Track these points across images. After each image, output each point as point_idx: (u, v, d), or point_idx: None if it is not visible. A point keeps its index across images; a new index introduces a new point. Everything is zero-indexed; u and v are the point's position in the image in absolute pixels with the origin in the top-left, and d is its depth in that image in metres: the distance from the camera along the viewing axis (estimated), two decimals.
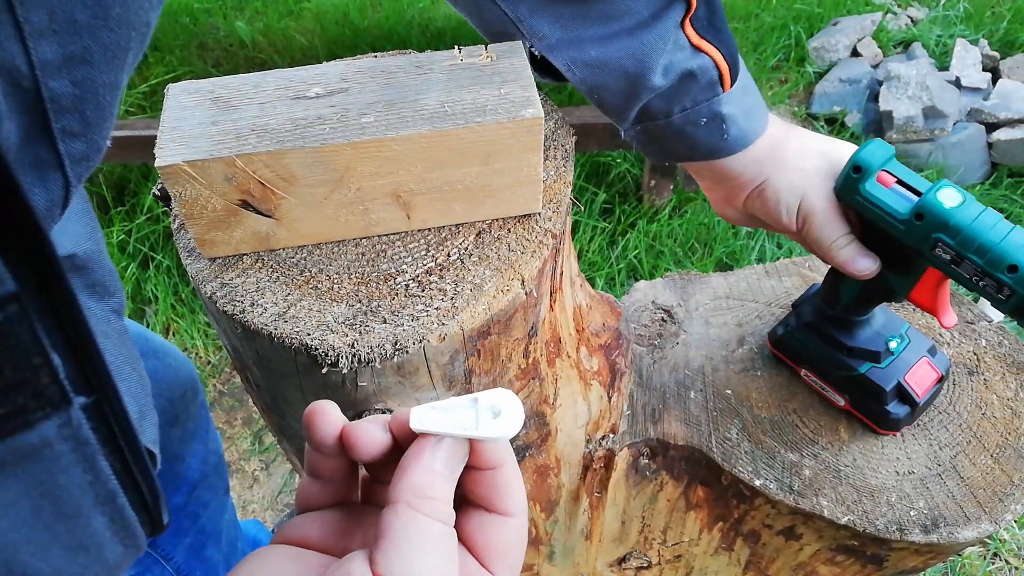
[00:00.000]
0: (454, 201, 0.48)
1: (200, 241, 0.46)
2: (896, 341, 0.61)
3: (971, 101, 1.63)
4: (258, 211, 0.45)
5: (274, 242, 0.48)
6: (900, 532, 0.57)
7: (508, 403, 0.29)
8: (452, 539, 0.28)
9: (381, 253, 0.52)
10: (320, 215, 0.46)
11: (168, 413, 0.61)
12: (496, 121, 0.44)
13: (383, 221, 0.48)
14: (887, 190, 0.52)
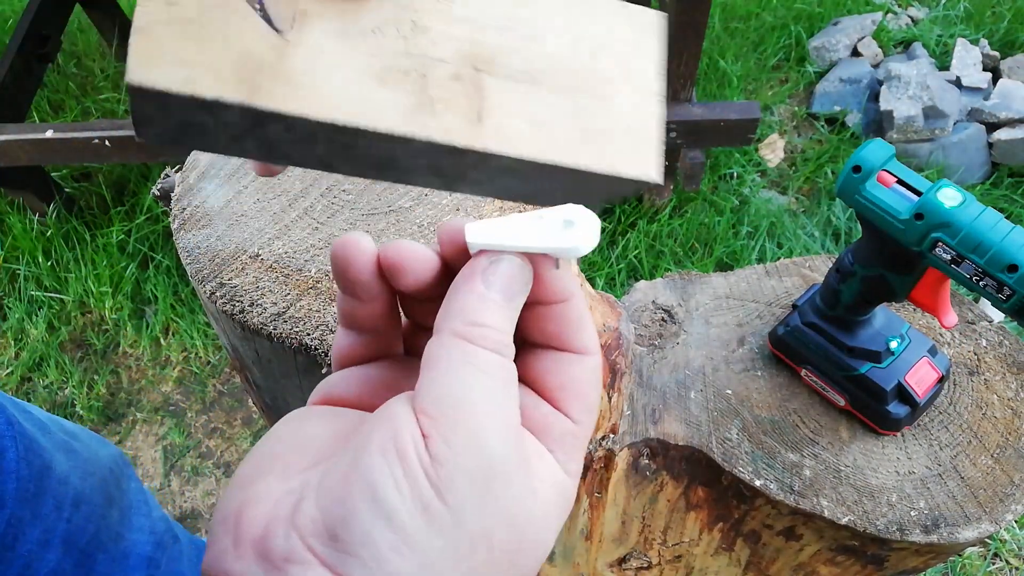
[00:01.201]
0: (545, 114, 0.32)
1: (143, 40, 0.26)
2: (897, 341, 0.61)
3: (971, 101, 1.63)
4: (266, 15, 0.28)
5: (264, 93, 0.28)
6: (900, 532, 0.57)
7: (580, 215, 0.25)
8: (509, 373, 0.23)
9: None
10: (353, 59, 0.29)
11: (102, 493, 0.60)
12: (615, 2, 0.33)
13: (441, 113, 0.31)
14: (887, 190, 0.52)
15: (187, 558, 0.70)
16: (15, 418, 0.51)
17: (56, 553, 0.52)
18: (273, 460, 0.23)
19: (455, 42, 0.31)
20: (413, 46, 0.30)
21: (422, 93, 0.30)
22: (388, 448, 0.21)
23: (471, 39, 0.31)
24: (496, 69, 0.32)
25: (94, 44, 1.95)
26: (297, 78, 0.28)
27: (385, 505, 0.20)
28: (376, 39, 0.30)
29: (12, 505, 0.48)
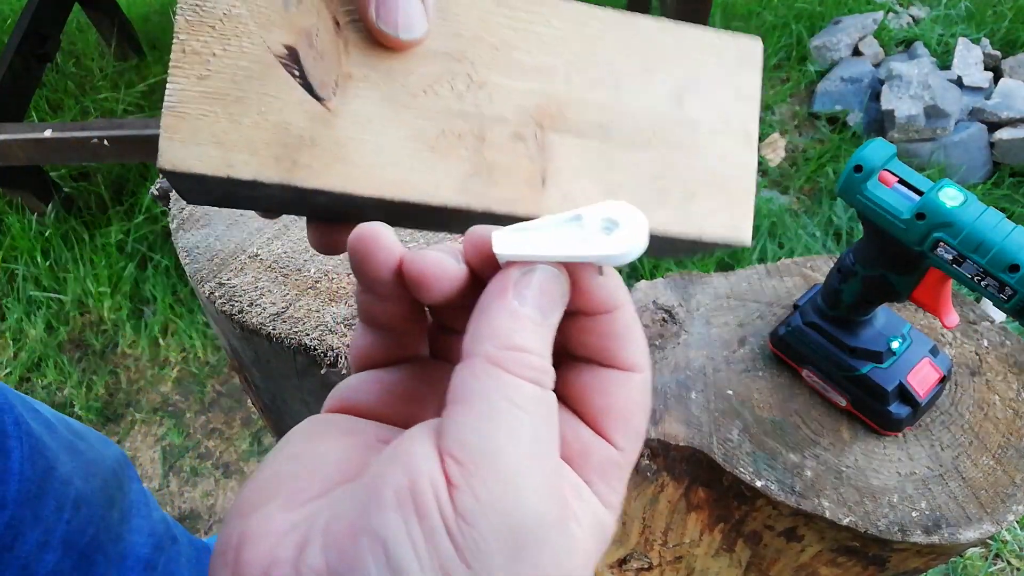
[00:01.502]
0: (620, 174, 0.28)
1: (175, 120, 0.24)
2: (898, 341, 0.61)
3: (973, 100, 1.63)
4: (306, 82, 0.25)
5: (303, 170, 0.25)
6: (902, 533, 0.57)
7: (624, 214, 0.21)
8: (549, 407, 0.20)
9: None
10: (402, 125, 0.26)
11: (103, 495, 0.60)
12: (704, 28, 0.29)
13: (499, 180, 0.27)
14: (888, 189, 0.52)
15: (185, 559, 0.70)
16: (23, 417, 0.51)
17: (55, 554, 0.51)
18: (279, 482, 0.21)
19: (517, 96, 0.27)
20: (469, 104, 0.27)
21: (478, 158, 0.27)
22: (405, 500, 0.18)
23: (535, 91, 0.27)
24: (563, 124, 0.28)
25: (93, 43, 1.95)
26: (340, 151, 0.26)
27: (397, 567, 0.17)
28: (428, 99, 0.26)
29: (13, 506, 0.48)
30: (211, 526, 1.19)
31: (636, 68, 0.28)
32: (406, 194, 0.26)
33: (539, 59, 0.27)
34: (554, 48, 0.27)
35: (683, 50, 0.28)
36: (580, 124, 0.28)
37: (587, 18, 0.27)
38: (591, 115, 0.28)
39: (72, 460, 0.56)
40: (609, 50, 0.28)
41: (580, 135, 0.28)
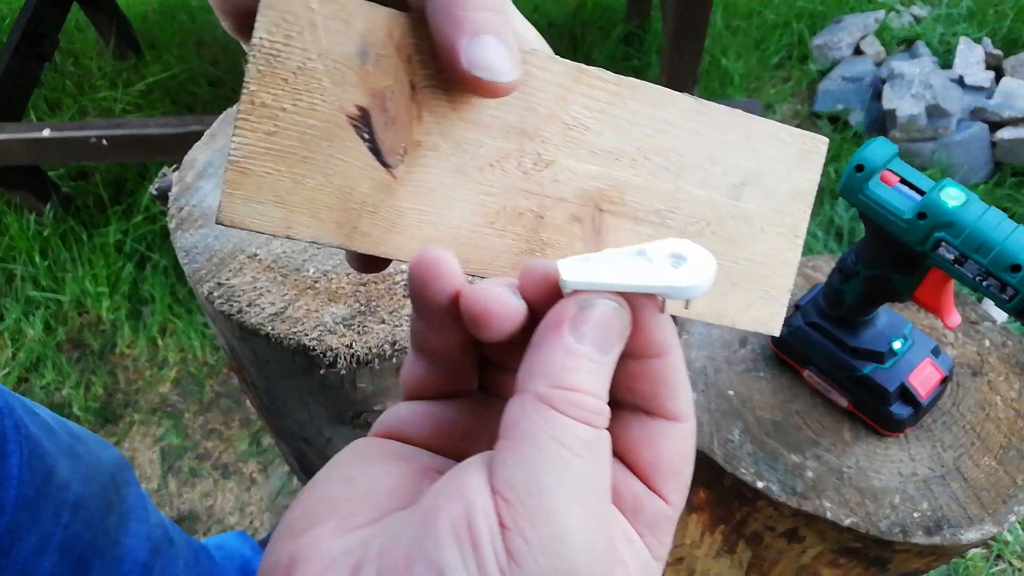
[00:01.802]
0: None
1: (237, 176, 0.24)
2: (900, 342, 0.60)
3: (974, 100, 1.62)
4: (375, 147, 0.25)
5: (362, 236, 0.25)
6: (903, 534, 0.57)
7: (690, 250, 0.21)
8: (602, 451, 0.20)
9: None
10: (465, 199, 0.26)
11: (101, 499, 0.60)
12: (771, 123, 0.29)
13: (550, 258, 0.27)
14: (890, 189, 0.51)
15: (183, 561, 0.69)
16: (22, 421, 0.51)
17: (52, 559, 0.51)
18: (331, 505, 0.21)
19: (581, 178, 0.27)
20: (534, 183, 0.27)
21: (535, 236, 0.27)
22: (461, 532, 0.18)
23: (599, 174, 0.27)
24: (622, 209, 0.28)
25: (92, 43, 1.95)
26: (400, 222, 0.25)
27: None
28: (494, 174, 0.26)
29: (11, 511, 0.48)
30: (210, 527, 1.19)
31: (702, 157, 0.28)
32: (462, 268, 0.26)
33: (610, 142, 0.27)
34: (627, 132, 0.27)
35: (750, 142, 0.28)
36: (638, 210, 0.28)
37: (664, 102, 0.27)
38: (651, 202, 0.28)
39: (71, 464, 0.56)
40: (679, 137, 0.28)
41: (636, 221, 0.28)
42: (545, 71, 0.26)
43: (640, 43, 1.87)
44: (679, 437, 0.22)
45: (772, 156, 0.29)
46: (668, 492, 0.22)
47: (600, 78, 0.26)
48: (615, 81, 0.26)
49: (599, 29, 1.86)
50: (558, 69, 0.26)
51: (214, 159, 0.60)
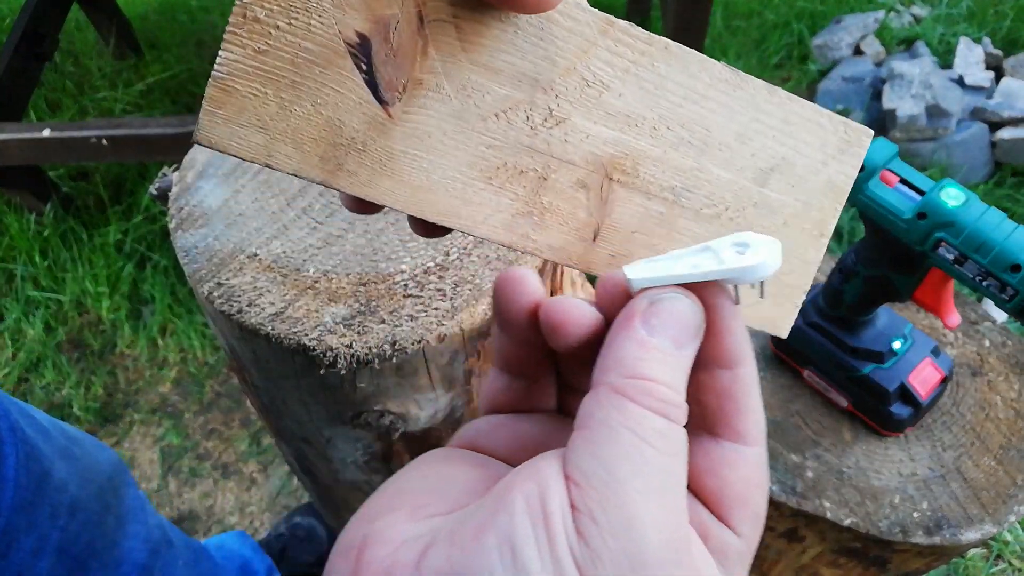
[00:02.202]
0: (678, 239, 0.27)
1: (221, 93, 0.22)
2: (900, 342, 0.60)
3: (974, 100, 1.62)
4: (372, 80, 0.23)
5: (347, 175, 0.24)
6: (903, 534, 0.57)
7: (755, 238, 0.21)
8: (677, 443, 0.19)
9: (379, 252, 0.51)
10: (463, 148, 0.24)
11: (99, 501, 0.60)
12: (813, 107, 0.27)
13: (549, 226, 0.26)
14: (890, 189, 0.51)
15: (182, 562, 0.69)
16: (18, 423, 0.51)
17: (49, 561, 0.51)
18: (405, 497, 0.21)
19: (594, 141, 0.25)
20: (541, 140, 0.24)
21: (534, 198, 0.25)
22: (534, 506, 0.18)
23: (614, 139, 0.25)
24: (634, 181, 0.25)
25: (91, 43, 1.95)
26: (390, 164, 0.23)
27: (522, 565, 0.17)
28: (499, 125, 0.24)
29: (8, 513, 0.48)
30: (210, 527, 1.19)
31: (730, 135, 0.26)
32: (448, 221, 0.25)
33: (631, 106, 0.25)
34: (651, 96, 0.25)
35: (786, 125, 0.26)
36: (652, 184, 0.26)
37: (697, 69, 0.25)
38: (667, 177, 0.26)
39: (67, 466, 0.56)
40: (708, 109, 0.25)
41: (648, 195, 0.26)
42: (570, 18, 0.23)
43: None
44: (746, 464, 0.21)
45: (809, 143, 0.26)
46: (738, 524, 0.21)
47: (629, 34, 0.24)
48: (645, 39, 0.24)
49: None
50: (585, 18, 0.23)
51: (214, 159, 0.60)
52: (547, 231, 0.25)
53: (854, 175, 0.27)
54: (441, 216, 0.24)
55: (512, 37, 0.23)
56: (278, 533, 1.06)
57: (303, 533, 1.05)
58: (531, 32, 0.23)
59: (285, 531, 1.06)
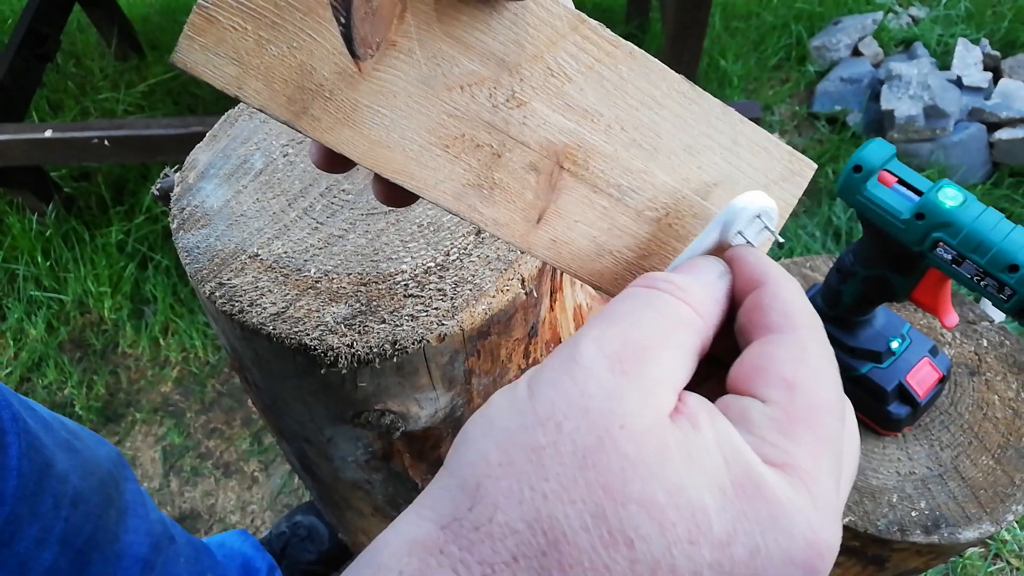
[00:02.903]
0: (613, 240, 0.28)
1: (203, 21, 0.23)
2: (897, 341, 0.61)
3: (972, 100, 1.63)
4: (348, 34, 0.23)
5: (311, 119, 0.25)
6: (901, 533, 0.57)
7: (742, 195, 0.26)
8: (693, 331, 0.20)
9: (380, 252, 0.51)
10: (425, 113, 0.25)
11: (100, 493, 0.60)
12: (763, 133, 0.28)
13: (497, 202, 0.27)
14: (888, 190, 0.52)
15: (184, 559, 0.70)
16: (20, 414, 0.51)
17: (52, 552, 0.51)
18: None
19: (550, 128, 0.26)
20: (500, 119, 0.26)
21: (486, 172, 0.26)
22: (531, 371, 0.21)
23: (569, 130, 0.26)
24: (583, 173, 0.27)
25: (93, 44, 1.95)
26: (353, 116, 0.24)
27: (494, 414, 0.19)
28: (462, 97, 0.25)
29: (12, 502, 0.48)
30: (211, 526, 1.19)
31: (680, 145, 0.27)
32: (401, 179, 0.26)
33: (589, 101, 0.26)
34: (609, 96, 0.26)
35: (735, 145, 0.27)
36: (599, 179, 0.27)
37: (656, 78, 0.26)
38: (615, 174, 0.27)
39: (69, 458, 0.56)
40: (662, 117, 0.26)
41: (595, 189, 0.27)
42: (544, 8, 0.25)
43: (639, 44, 1.87)
44: (766, 344, 0.20)
45: (754, 166, 0.28)
46: (757, 390, 0.20)
47: (598, 33, 0.25)
48: (612, 41, 0.25)
49: None
50: (557, 11, 0.25)
51: (216, 160, 0.60)
52: (495, 206, 0.27)
53: (794, 203, 0.29)
54: (395, 174, 0.25)
55: (487, 17, 0.24)
56: (279, 532, 1.06)
57: (304, 532, 1.05)
58: (506, 15, 0.24)
59: (286, 529, 1.06)
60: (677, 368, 0.19)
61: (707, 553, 0.17)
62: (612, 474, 0.17)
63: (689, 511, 0.17)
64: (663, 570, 0.17)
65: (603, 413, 0.18)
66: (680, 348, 0.20)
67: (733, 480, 0.18)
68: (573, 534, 0.17)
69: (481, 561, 0.17)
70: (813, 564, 0.17)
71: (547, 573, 0.16)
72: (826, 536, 0.17)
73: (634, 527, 0.17)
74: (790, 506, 0.17)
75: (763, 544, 0.17)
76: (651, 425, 0.18)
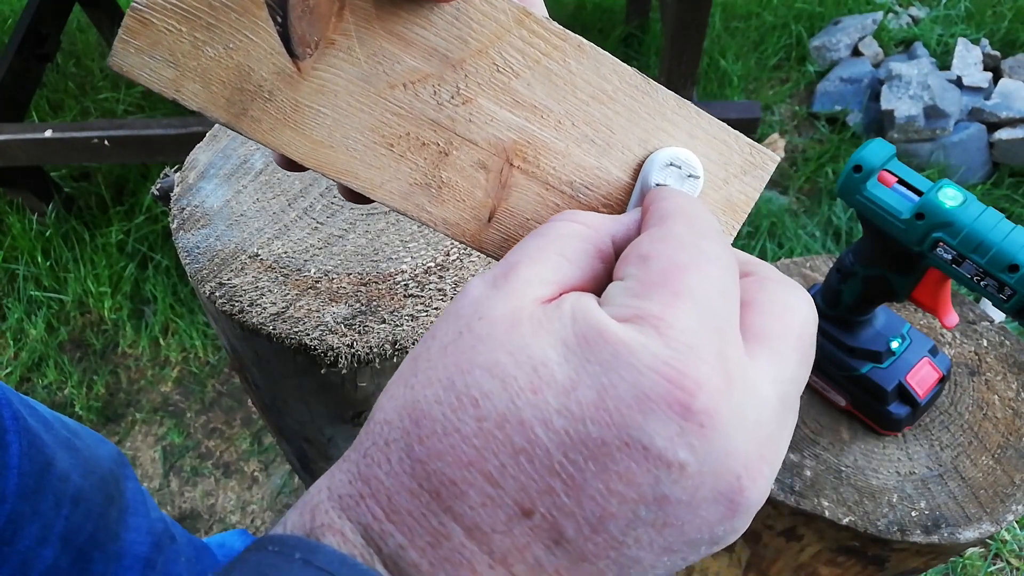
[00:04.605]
0: None
1: (137, 24, 0.23)
2: (897, 341, 0.61)
3: (972, 100, 1.63)
4: (286, 33, 0.23)
5: (250, 120, 0.24)
6: (901, 533, 0.57)
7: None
8: (579, 238, 0.22)
9: (380, 252, 0.51)
10: (368, 111, 0.25)
11: (101, 492, 0.60)
12: (720, 125, 0.27)
13: (446, 201, 0.26)
14: (888, 190, 0.52)
15: (185, 558, 0.70)
16: (20, 413, 0.51)
17: (53, 550, 0.52)
18: None
19: (497, 125, 0.25)
20: (446, 116, 0.25)
21: (434, 171, 0.25)
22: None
23: (518, 126, 0.25)
24: (534, 170, 0.26)
25: (93, 43, 1.95)
26: (294, 116, 0.24)
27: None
28: (405, 95, 0.24)
29: (13, 501, 0.48)
30: (211, 526, 1.19)
31: (634, 140, 0.26)
32: (346, 180, 0.25)
33: (538, 97, 0.25)
34: (558, 91, 0.25)
35: (691, 139, 0.27)
36: (551, 176, 0.26)
37: (607, 72, 0.25)
38: (567, 171, 0.26)
39: (70, 457, 0.56)
40: (614, 111, 0.26)
41: (547, 186, 0.26)
42: (487, 3, 0.24)
43: (639, 44, 1.87)
44: (637, 239, 0.21)
45: (712, 159, 0.27)
46: (617, 274, 0.21)
47: (544, 27, 0.24)
48: (560, 34, 0.25)
49: (599, 31, 1.87)
50: (501, 5, 0.24)
51: (216, 160, 0.60)
52: (443, 205, 0.26)
53: (755, 196, 0.28)
54: (340, 174, 0.25)
55: (428, 12, 0.24)
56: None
57: None
58: (448, 10, 0.24)
59: None
60: (556, 270, 0.21)
61: (552, 399, 0.17)
62: (463, 353, 0.19)
63: (530, 365, 0.18)
64: (511, 423, 0.17)
65: (466, 314, 0.20)
66: (561, 255, 0.21)
67: (576, 334, 0.18)
68: (428, 407, 0.18)
69: (361, 451, 0.19)
70: (675, 397, 0.17)
71: (410, 447, 0.18)
72: (693, 373, 0.17)
73: (478, 387, 0.18)
74: (635, 345, 0.18)
75: (608, 383, 0.17)
76: (508, 312, 0.19)
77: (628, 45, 1.86)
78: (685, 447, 0.17)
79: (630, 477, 0.17)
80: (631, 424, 0.17)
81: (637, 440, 0.17)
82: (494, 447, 0.17)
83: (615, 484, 0.17)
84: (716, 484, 0.17)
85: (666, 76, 1.34)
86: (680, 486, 0.17)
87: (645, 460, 0.17)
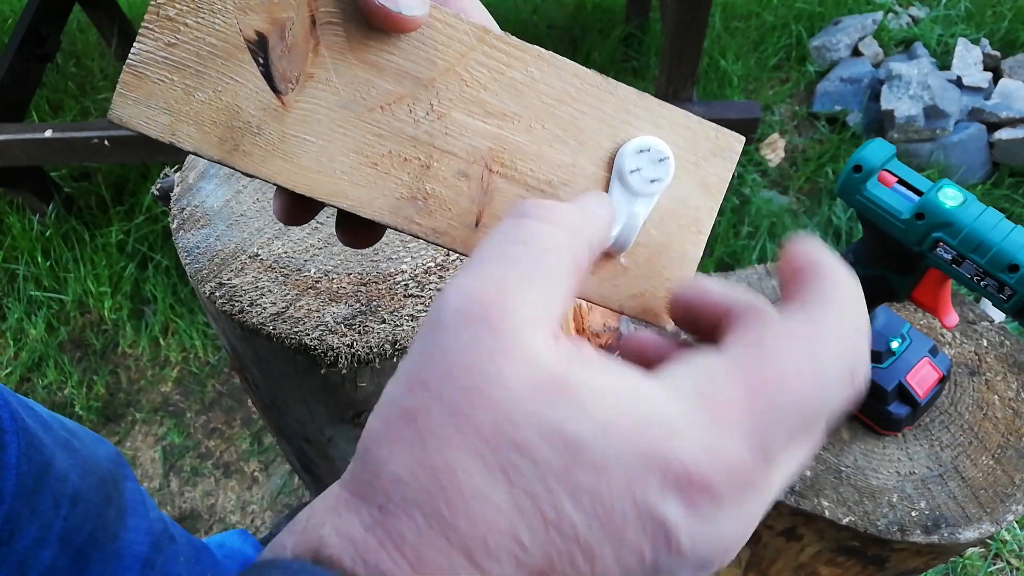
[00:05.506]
0: None
1: (133, 79, 0.25)
2: (897, 341, 0.61)
3: (972, 100, 1.63)
4: (268, 72, 0.26)
5: (243, 154, 0.26)
6: (901, 533, 0.57)
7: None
8: (564, 250, 0.21)
9: (380, 251, 0.51)
10: (350, 135, 0.27)
11: (100, 492, 0.60)
12: (683, 113, 0.29)
13: (433, 211, 0.28)
14: (888, 190, 0.52)
15: (184, 558, 0.69)
16: (18, 413, 0.51)
17: (52, 551, 0.51)
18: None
19: (472, 135, 0.27)
20: (423, 132, 0.27)
21: (418, 184, 0.27)
22: None
23: (492, 134, 0.27)
24: (512, 174, 0.28)
25: (93, 43, 1.95)
26: (283, 146, 0.26)
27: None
28: (383, 117, 0.27)
29: (11, 501, 0.48)
30: (211, 526, 1.19)
31: (604, 135, 0.28)
32: (337, 201, 0.27)
33: (506, 105, 0.27)
34: (524, 97, 0.27)
35: (657, 129, 0.28)
36: (529, 177, 0.28)
37: (568, 75, 0.27)
38: (543, 171, 0.28)
39: (68, 457, 0.56)
40: (580, 111, 0.28)
41: (527, 188, 0.28)
42: (448, 26, 0.26)
43: (639, 44, 1.87)
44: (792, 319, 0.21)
45: (679, 145, 0.28)
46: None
47: (504, 41, 0.27)
48: (519, 47, 0.27)
49: (598, 31, 1.87)
50: (462, 27, 0.26)
51: None
52: (431, 216, 0.28)
53: (727, 177, 0.29)
54: (330, 196, 0.27)
55: (395, 40, 0.26)
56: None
57: None
58: (413, 36, 0.26)
59: None
60: (547, 298, 0.20)
61: (583, 479, 0.18)
62: (483, 424, 0.18)
63: (562, 444, 0.18)
64: (541, 499, 0.18)
65: (465, 369, 0.19)
66: (549, 275, 0.20)
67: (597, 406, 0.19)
68: (452, 475, 0.18)
69: (374, 504, 0.19)
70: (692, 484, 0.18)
71: (437, 511, 0.18)
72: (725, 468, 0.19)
73: (508, 461, 0.18)
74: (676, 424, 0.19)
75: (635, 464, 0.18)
76: (524, 374, 0.19)
77: (628, 45, 1.86)
78: (687, 534, 0.18)
79: (641, 553, 0.18)
80: (652, 505, 0.18)
81: (661, 522, 0.18)
82: (527, 520, 0.18)
83: (627, 557, 0.18)
84: (699, 563, 0.19)
85: (666, 76, 1.34)
86: (673, 560, 0.18)
87: (655, 537, 0.18)
